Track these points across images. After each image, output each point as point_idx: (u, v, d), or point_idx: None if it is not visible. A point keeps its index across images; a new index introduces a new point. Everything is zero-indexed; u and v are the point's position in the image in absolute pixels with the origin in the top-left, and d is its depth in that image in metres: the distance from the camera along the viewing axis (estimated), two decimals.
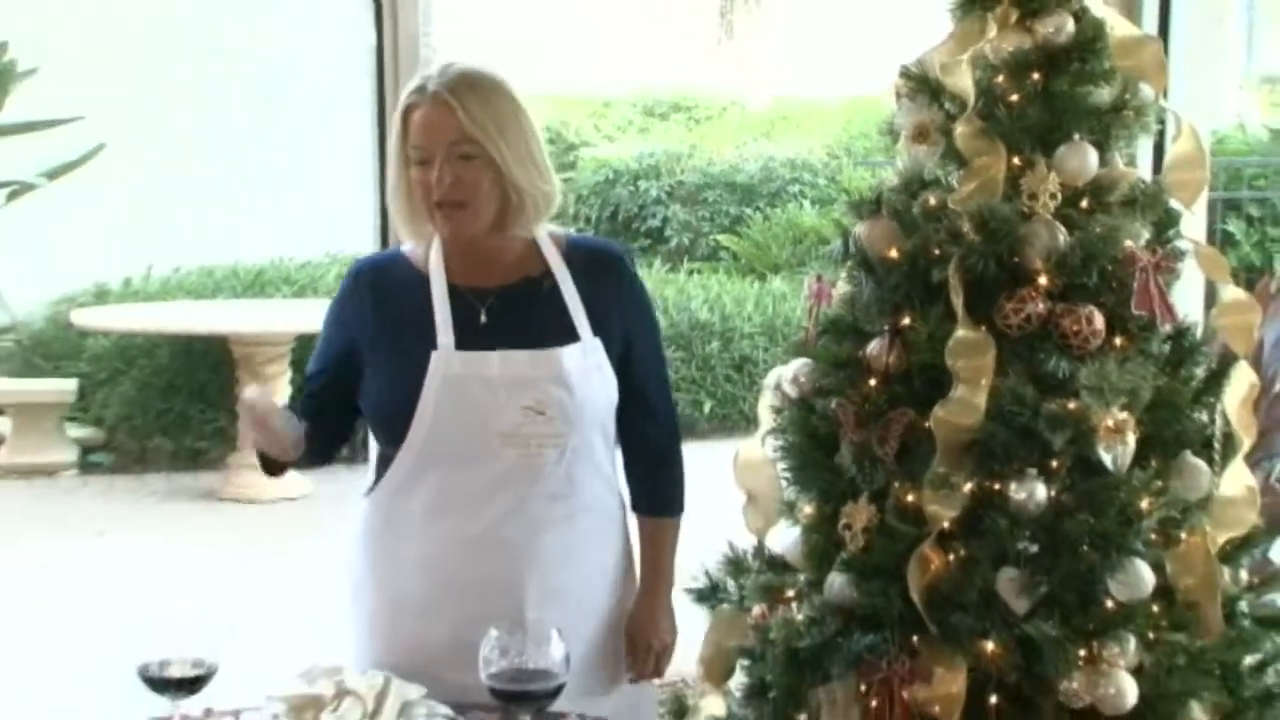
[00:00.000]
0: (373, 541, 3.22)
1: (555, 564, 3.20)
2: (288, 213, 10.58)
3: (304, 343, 9.71)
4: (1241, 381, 3.34)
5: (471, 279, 3.17)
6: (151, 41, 10.53)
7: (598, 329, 3.19)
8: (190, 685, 2.67)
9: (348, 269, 3.35)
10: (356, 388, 3.22)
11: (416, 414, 3.07)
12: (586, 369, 3.17)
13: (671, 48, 16.76)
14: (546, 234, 3.28)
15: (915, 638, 3.13)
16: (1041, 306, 3.13)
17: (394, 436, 3.12)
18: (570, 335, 3.18)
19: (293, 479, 9.37)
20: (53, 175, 9.93)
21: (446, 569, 3.10)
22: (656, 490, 3.37)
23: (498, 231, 3.15)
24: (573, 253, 3.26)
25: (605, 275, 3.29)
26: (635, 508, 3.31)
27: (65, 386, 10.15)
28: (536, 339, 3.15)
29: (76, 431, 10.17)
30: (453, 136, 3.05)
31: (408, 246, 3.27)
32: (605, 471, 3.22)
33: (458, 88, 3.08)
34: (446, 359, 3.07)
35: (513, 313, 3.17)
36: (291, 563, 8.04)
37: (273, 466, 3.22)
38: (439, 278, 3.16)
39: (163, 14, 10.65)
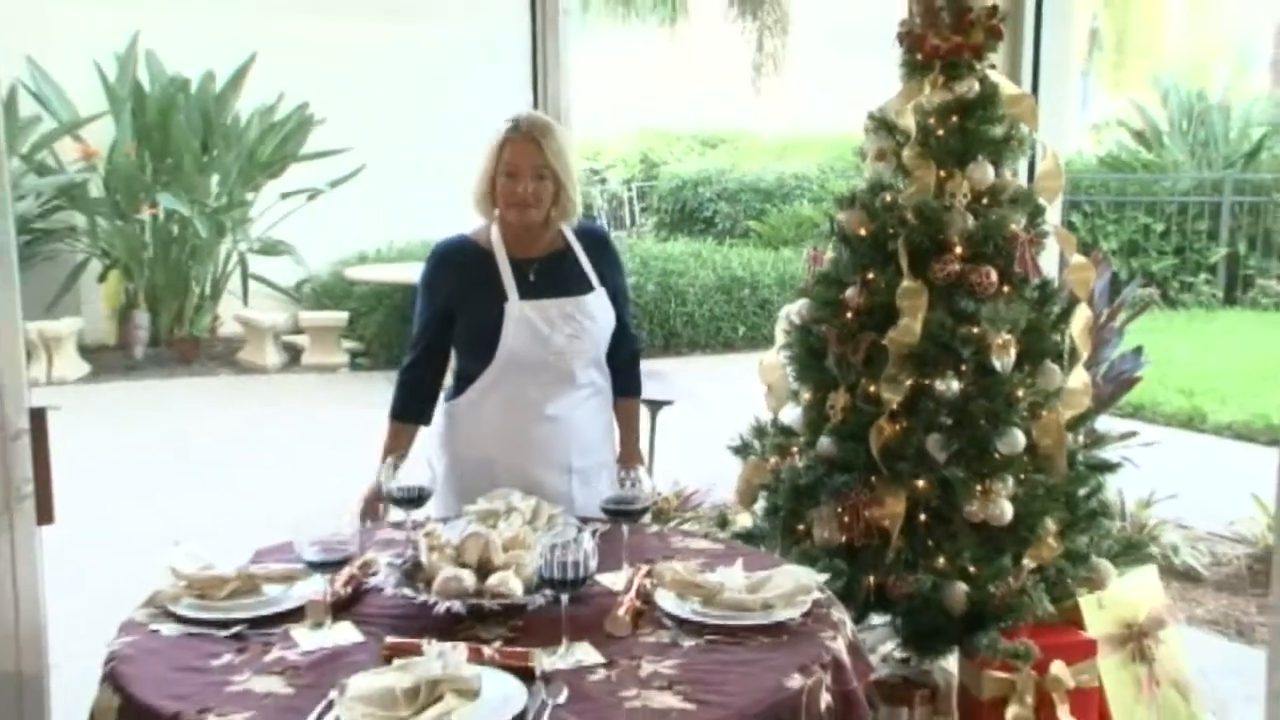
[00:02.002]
0: (465, 424, 3.14)
1: (584, 428, 3.17)
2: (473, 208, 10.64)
3: None
4: (1082, 316, 3.30)
5: (522, 252, 3.11)
6: (390, 100, 10.53)
7: (601, 281, 3.17)
8: (415, 502, 2.66)
9: (435, 246, 3.22)
10: (448, 335, 3.16)
11: (500, 343, 3.04)
12: (600, 307, 3.15)
13: (719, 101, 16.60)
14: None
15: (873, 478, 3.11)
16: (957, 266, 3.10)
17: (482, 358, 3.07)
18: (589, 286, 3.15)
19: None
20: (334, 184, 9.97)
21: (518, 437, 3.08)
22: (630, 380, 3.31)
23: (544, 225, 3.12)
24: (579, 234, 3.21)
25: (600, 247, 3.24)
26: (616, 393, 3.27)
27: (340, 316, 10.21)
28: (571, 290, 3.13)
29: (347, 344, 10.24)
30: (535, 161, 3.03)
31: (469, 231, 3.20)
32: (605, 369, 3.20)
33: (541, 130, 3.07)
34: (518, 307, 3.05)
35: (551, 273, 3.13)
36: None
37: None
38: (501, 253, 3.11)
39: (397, 84, 10.66)
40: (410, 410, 3.16)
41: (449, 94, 10.80)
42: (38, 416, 2.66)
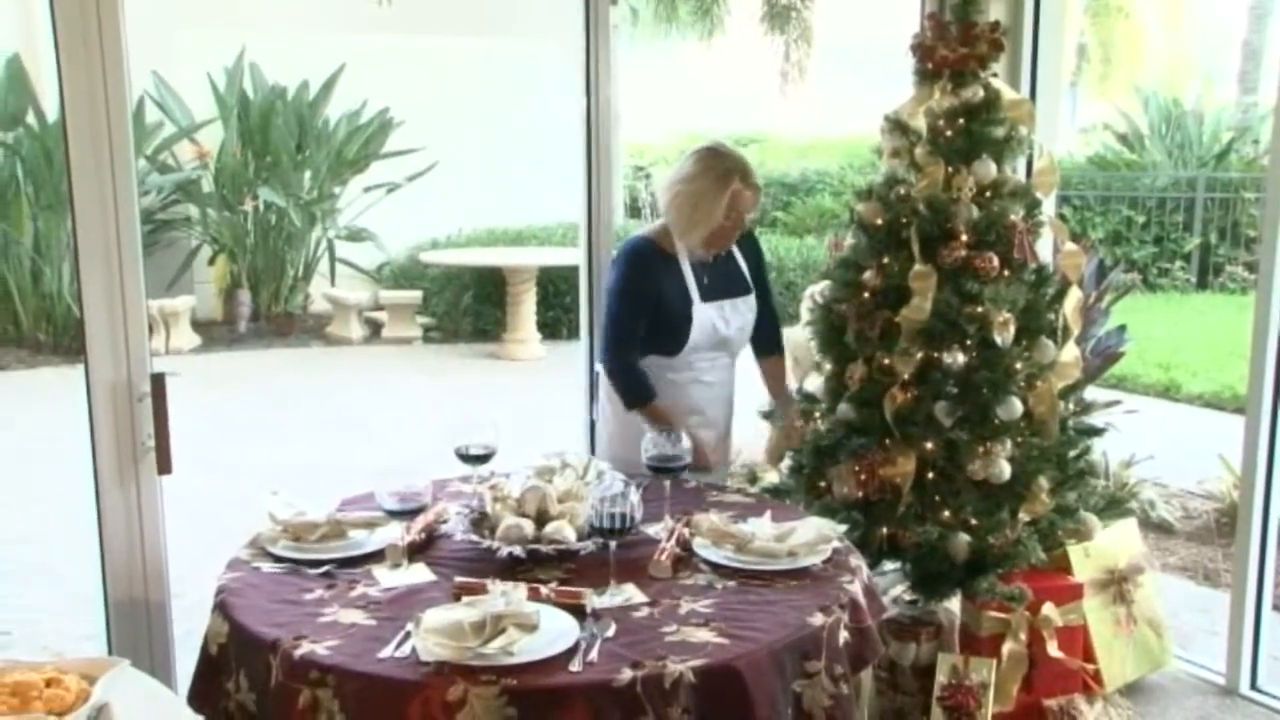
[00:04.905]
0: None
1: (725, 389, 3.27)
2: (535, 199, 10.56)
3: (544, 272, 9.71)
4: (1073, 297, 3.23)
5: (696, 258, 3.16)
6: (461, 105, 10.49)
7: (753, 278, 3.26)
8: (482, 459, 2.65)
9: (629, 250, 3.16)
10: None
11: (690, 337, 3.11)
12: (752, 304, 3.25)
13: (749, 105, 16.39)
14: None
15: (887, 440, 3.07)
16: (963, 252, 3.03)
17: (670, 345, 3.13)
18: (748, 288, 3.24)
19: (532, 348, 9.47)
20: (410, 179, 9.98)
21: (680, 396, 3.15)
22: (777, 340, 3.38)
23: None
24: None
25: (751, 244, 3.30)
26: (765, 351, 3.37)
27: (415, 295, 10.21)
28: (736, 290, 3.21)
29: (421, 320, 10.25)
30: (750, 212, 3.12)
31: (648, 233, 3.20)
32: None
33: (758, 186, 3.12)
34: (702, 307, 3.13)
35: (721, 276, 3.20)
36: (534, 393, 8.10)
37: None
38: (684, 257, 3.15)
39: (467, 91, 10.62)
40: (650, 391, 3.14)
41: (513, 99, 10.78)
42: (158, 381, 2.68)
